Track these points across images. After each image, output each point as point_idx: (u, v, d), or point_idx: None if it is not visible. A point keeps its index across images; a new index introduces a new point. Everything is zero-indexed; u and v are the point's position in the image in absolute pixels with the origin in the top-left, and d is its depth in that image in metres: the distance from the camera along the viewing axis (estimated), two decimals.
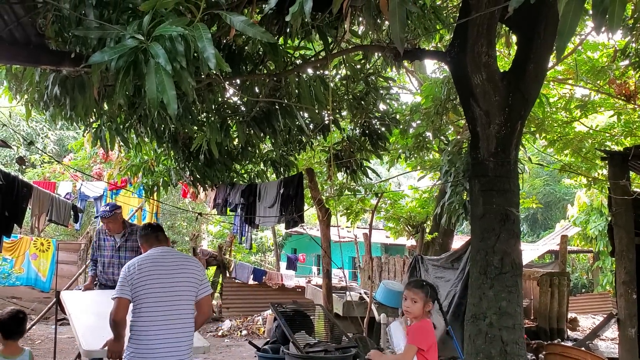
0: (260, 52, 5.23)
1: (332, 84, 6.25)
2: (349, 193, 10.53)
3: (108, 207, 6.50)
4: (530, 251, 18.69)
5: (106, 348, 4.08)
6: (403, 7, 2.55)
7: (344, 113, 7.22)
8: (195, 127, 6.04)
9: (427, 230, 11.93)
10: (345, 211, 11.88)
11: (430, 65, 15.32)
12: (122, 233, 6.44)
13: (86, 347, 4.36)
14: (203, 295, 4.04)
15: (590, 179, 11.24)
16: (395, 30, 2.59)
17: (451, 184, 6.50)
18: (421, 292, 3.84)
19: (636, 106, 9.58)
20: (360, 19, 5.25)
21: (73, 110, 4.84)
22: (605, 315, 11.18)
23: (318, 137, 7.49)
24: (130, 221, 7.79)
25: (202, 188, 8.68)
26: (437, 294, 4.02)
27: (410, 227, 12.47)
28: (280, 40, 5.01)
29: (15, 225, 6.59)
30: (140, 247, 4.34)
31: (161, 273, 3.91)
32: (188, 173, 8.07)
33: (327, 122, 6.64)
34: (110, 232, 6.39)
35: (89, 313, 5.08)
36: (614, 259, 6.79)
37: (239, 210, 8.77)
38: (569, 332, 11.85)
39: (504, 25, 6.49)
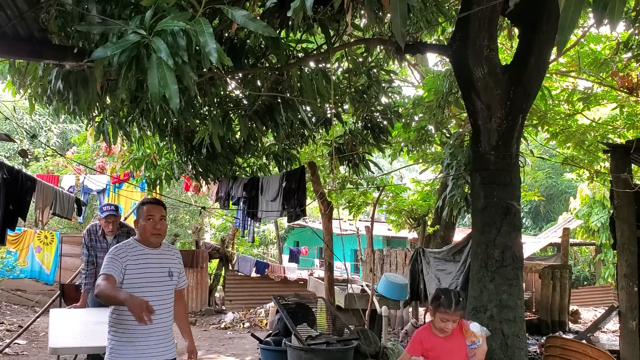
0: (262, 46, 5.24)
1: (334, 78, 6.26)
2: (351, 186, 10.54)
3: (113, 207, 6.48)
4: (532, 244, 18.70)
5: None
6: (404, 1, 2.56)
7: (346, 106, 7.23)
8: (198, 121, 6.06)
9: (429, 223, 11.95)
10: (347, 204, 11.90)
11: (433, 58, 15.29)
12: (114, 235, 6.38)
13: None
14: None
15: (592, 172, 11.23)
16: (396, 24, 2.60)
17: (453, 177, 6.51)
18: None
19: (639, 99, 9.55)
20: (362, 12, 5.25)
21: (76, 105, 4.87)
22: (607, 308, 11.20)
23: (320, 131, 7.49)
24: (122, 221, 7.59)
25: (204, 181, 8.69)
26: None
27: (412, 220, 12.48)
28: (282, 34, 5.02)
29: (19, 218, 6.62)
30: None
31: None
32: (190, 166, 8.09)
33: (329, 115, 6.65)
34: (109, 232, 6.29)
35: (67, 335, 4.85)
36: (615, 251, 6.79)
37: (241, 203, 8.79)
38: (571, 325, 11.87)
39: (506, 18, 6.48)
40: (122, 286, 3.46)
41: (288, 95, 5.53)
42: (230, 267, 14.69)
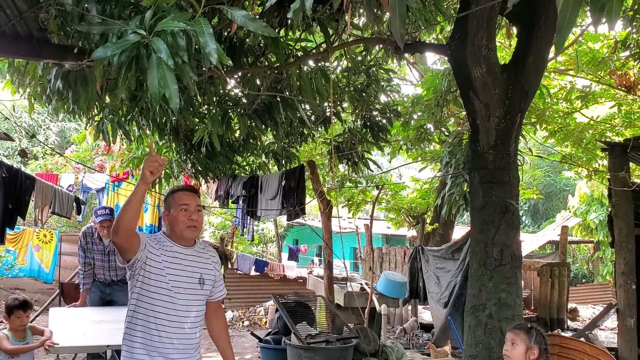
0: (262, 45, 5.25)
1: (333, 76, 6.27)
2: (351, 185, 10.56)
3: (108, 210, 6.30)
4: (530, 242, 18.71)
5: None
6: (403, 1, 2.57)
7: (345, 105, 7.24)
8: (197, 120, 6.07)
9: (428, 221, 11.97)
10: (346, 202, 11.91)
11: (431, 56, 15.30)
12: (110, 238, 6.25)
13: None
14: None
15: (590, 170, 11.25)
16: (395, 25, 2.61)
17: (452, 175, 6.53)
18: (523, 334, 3.23)
19: (636, 97, 9.57)
20: (361, 11, 5.26)
21: (76, 104, 4.88)
22: (605, 306, 11.23)
23: (319, 129, 7.51)
24: None
25: (203, 180, 8.70)
26: (546, 342, 3.25)
27: (411, 218, 12.51)
28: (281, 33, 5.03)
29: (18, 217, 6.62)
30: None
31: None
32: (190, 165, 8.09)
33: (328, 114, 6.66)
34: (105, 236, 6.14)
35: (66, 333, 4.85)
36: (613, 249, 6.81)
37: (240, 202, 8.81)
38: (569, 322, 11.91)
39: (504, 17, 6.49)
40: (139, 285, 2.99)
41: (287, 94, 5.54)
42: (229, 266, 14.69)
